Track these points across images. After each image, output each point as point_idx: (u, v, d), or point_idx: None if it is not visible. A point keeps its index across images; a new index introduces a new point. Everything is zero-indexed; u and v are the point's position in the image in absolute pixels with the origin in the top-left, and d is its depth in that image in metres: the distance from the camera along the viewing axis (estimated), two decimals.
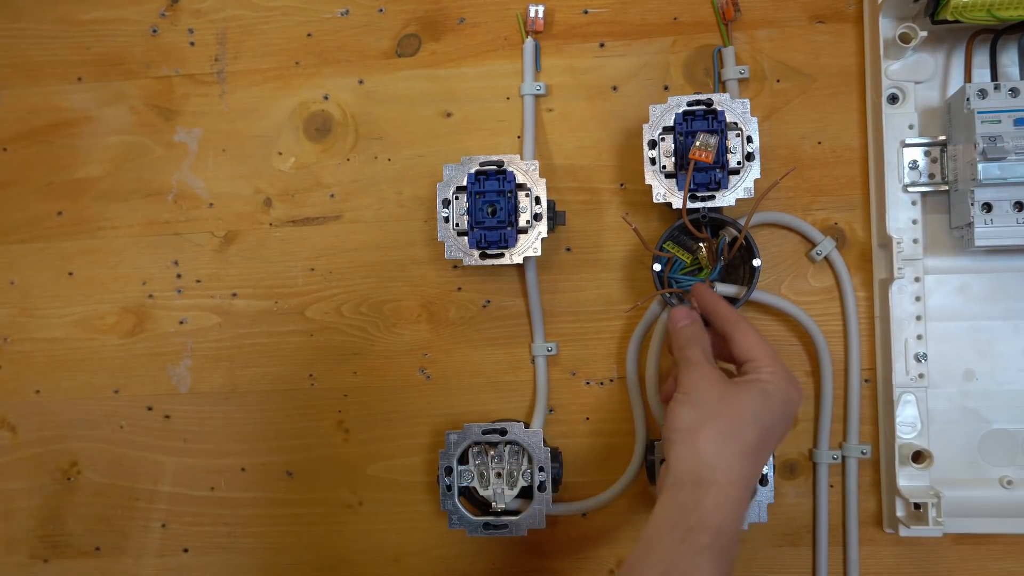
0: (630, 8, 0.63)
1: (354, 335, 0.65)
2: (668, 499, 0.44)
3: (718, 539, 0.41)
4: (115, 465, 0.67)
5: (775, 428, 0.47)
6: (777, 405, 0.47)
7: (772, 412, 0.46)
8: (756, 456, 0.46)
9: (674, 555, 0.41)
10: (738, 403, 0.46)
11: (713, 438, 0.45)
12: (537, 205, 0.58)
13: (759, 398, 0.46)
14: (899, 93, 0.58)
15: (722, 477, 0.43)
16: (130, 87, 0.67)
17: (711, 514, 0.42)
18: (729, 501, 0.43)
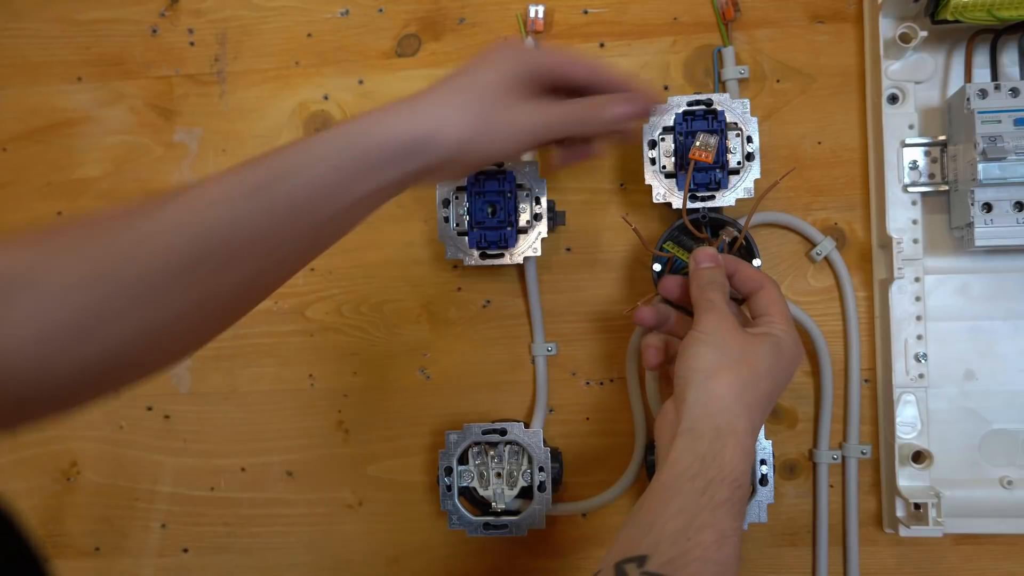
0: (630, 8, 0.63)
1: (354, 335, 0.65)
2: (685, 447, 0.43)
3: (736, 491, 0.41)
4: (115, 465, 0.67)
5: (781, 383, 0.47)
6: (787, 361, 0.47)
7: (783, 367, 0.46)
8: (766, 409, 0.45)
9: (696, 507, 0.40)
10: (757, 353, 0.45)
11: (733, 385, 0.44)
12: (537, 205, 0.58)
13: (774, 351, 0.46)
14: (899, 93, 0.58)
15: (740, 427, 0.43)
16: (130, 87, 0.67)
17: (731, 465, 0.42)
18: (745, 452, 0.43)
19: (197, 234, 0.39)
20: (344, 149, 0.42)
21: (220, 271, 0.40)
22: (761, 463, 0.56)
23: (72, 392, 0.42)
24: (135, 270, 0.38)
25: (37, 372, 0.38)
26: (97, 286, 0.38)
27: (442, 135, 0.44)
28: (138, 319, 0.39)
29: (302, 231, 0.42)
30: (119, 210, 0.40)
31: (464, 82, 0.45)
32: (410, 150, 0.43)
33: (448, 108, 0.44)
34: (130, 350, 0.40)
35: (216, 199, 0.40)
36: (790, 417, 0.60)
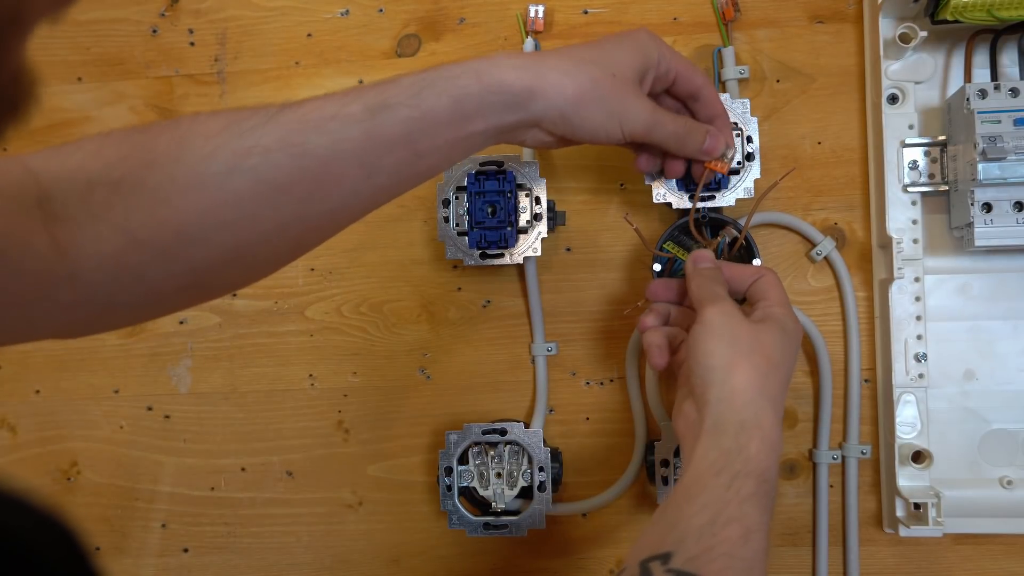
0: (630, 8, 0.63)
1: (354, 335, 0.65)
2: (710, 443, 0.42)
3: (762, 485, 0.40)
4: (115, 465, 0.67)
5: (793, 366, 0.46)
6: (793, 343, 0.46)
7: (791, 352, 0.46)
8: (784, 396, 0.45)
9: (721, 501, 0.39)
10: (768, 341, 0.45)
11: (753, 378, 0.43)
12: (537, 205, 0.58)
13: (781, 336, 0.45)
14: (899, 93, 0.58)
15: (765, 420, 0.42)
16: (130, 87, 0.67)
17: (756, 459, 0.41)
18: (771, 446, 0.42)
19: (301, 152, 0.40)
20: (468, 85, 0.42)
21: (314, 193, 0.41)
22: None
23: (155, 302, 0.43)
24: (235, 184, 0.39)
25: (127, 279, 0.39)
26: (196, 197, 0.39)
27: (555, 92, 0.44)
28: (229, 235, 0.40)
29: (403, 160, 0.43)
30: (227, 115, 0.40)
31: (593, 54, 0.46)
32: (521, 99, 0.44)
33: (569, 72, 0.45)
34: (215, 267, 0.41)
35: (332, 115, 0.40)
36: (790, 417, 0.60)
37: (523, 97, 0.44)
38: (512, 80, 0.43)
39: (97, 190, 0.38)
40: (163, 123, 0.41)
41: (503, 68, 0.43)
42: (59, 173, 0.38)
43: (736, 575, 0.37)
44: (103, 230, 0.38)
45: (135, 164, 0.39)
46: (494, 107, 0.43)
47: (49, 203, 0.37)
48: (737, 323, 0.45)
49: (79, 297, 0.39)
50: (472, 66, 0.43)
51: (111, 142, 0.39)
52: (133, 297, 0.41)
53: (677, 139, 0.50)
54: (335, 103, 0.41)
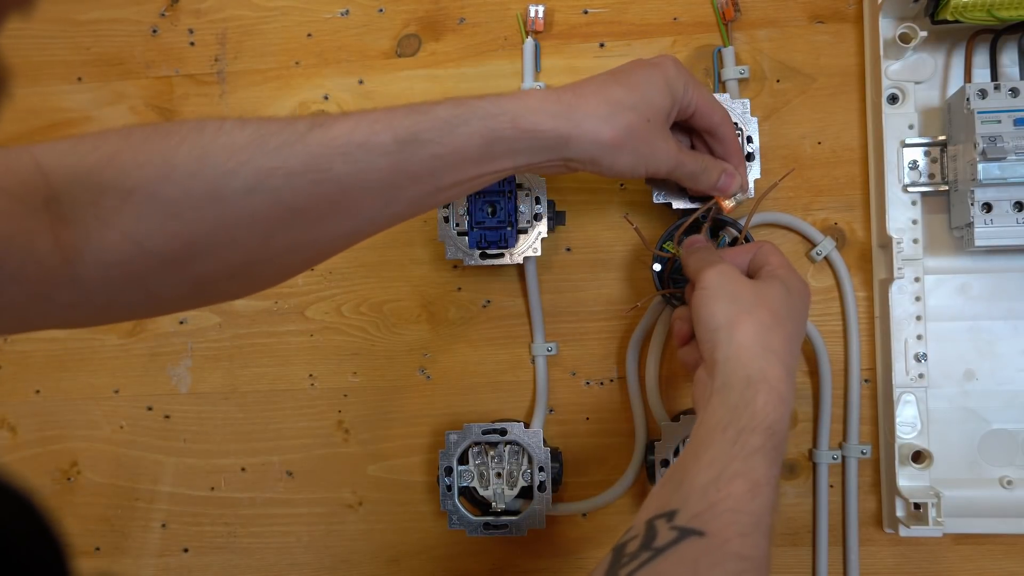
0: (630, 8, 0.63)
1: (354, 335, 0.65)
2: (718, 402, 0.41)
3: (771, 439, 0.40)
4: (115, 465, 0.67)
5: (801, 323, 0.46)
6: (799, 300, 0.46)
7: (797, 307, 0.45)
8: (794, 350, 0.44)
9: (727, 456, 0.39)
10: (770, 296, 0.44)
11: (757, 332, 0.42)
12: (537, 205, 0.58)
13: (784, 292, 0.45)
14: (899, 93, 0.58)
15: (771, 373, 0.41)
16: (130, 87, 0.67)
17: (763, 413, 0.40)
18: (780, 398, 0.41)
19: (324, 177, 0.39)
20: (501, 128, 0.42)
21: (330, 217, 0.41)
22: None
23: (155, 306, 0.43)
24: (253, 204, 0.38)
25: (129, 285, 0.39)
26: (211, 213, 0.38)
27: (590, 140, 0.44)
28: (238, 251, 0.40)
29: (424, 192, 0.43)
30: (254, 128, 0.39)
31: (632, 98, 0.45)
32: (554, 144, 0.44)
33: (605, 120, 0.44)
34: (220, 279, 0.41)
35: (360, 142, 0.40)
36: None
37: (557, 143, 0.44)
38: (548, 128, 0.43)
39: (108, 196, 0.37)
40: (187, 127, 0.39)
41: (539, 114, 0.43)
42: (71, 174, 0.37)
43: (742, 529, 0.36)
44: (110, 237, 0.37)
45: (151, 174, 0.38)
46: (526, 150, 0.44)
47: (57, 205, 0.37)
48: (736, 281, 0.45)
49: (78, 299, 0.38)
50: (508, 107, 0.43)
51: (129, 146, 0.38)
52: (133, 301, 0.41)
53: (694, 178, 0.50)
54: (365, 129, 0.40)
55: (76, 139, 0.39)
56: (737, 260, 0.49)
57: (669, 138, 0.48)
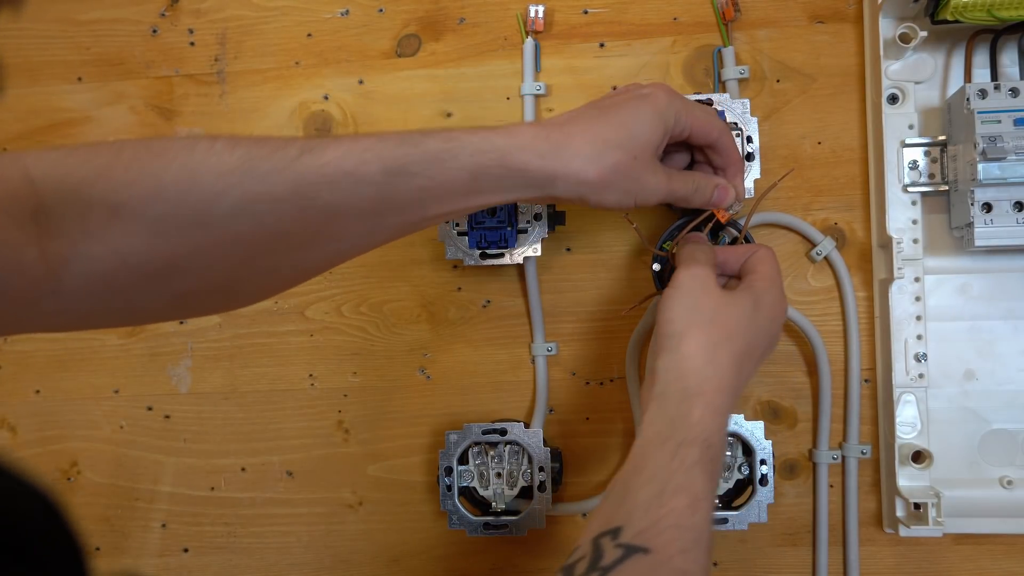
0: (630, 8, 0.63)
1: (354, 335, 0.65)
2: (656, 412, 0.43)
3: (707, 451, 0.41)
4: (115, 465, 0.67)
5: (760, 341, 0.46)
6: (765, 319, 0.46)
7: (759, 325, 0.45)
8: (740, 366, 0.44)
9: (667, 471, 0.40)
10: (730, 312, 0.45)
11: (703, 346, 0.43)
12: (537, 205, 0.58)
13: (749, 309, 0.45)
14: (899, 93, 0.58)
15: (708, 387, 0.42)
16: (130, 87, 0.67)
17: (699, 426, 0.41)
18: (715, 411, 0.42)
19: (310, 204, 0.39)
20: (490, 164, 0.43)
21: (313, 242, 0.41)
22: (761, 463, 0.56)
23: (137, 317, 0.45)
24: (237, 227, 0.39)
25: (112, 297, 0.39)
26: (196, 234, 0.39)
27: (577, 179, 0.44)
28: (221, 271, 0.40)
29: (409, 220, 0.43)
30: (244, 150, 0.40)
31: (619, 136, 0.45)
32: (541, 182, 0.44)
33: (592, 160, 0.44)
34: (202, 295, 0.42)
35: (348, 171, 0.40)
36: (790, 417, 0.60)
37: (544, 182, 0.44)
38: (536, 167, 0.43)
39: (96, 211, 0.37)
40: (178, 146, 0.40)
41: (527, 153, 0.43)
42: (60, 187, 0.37)
43: (684, 545, 0.37)
44: (95, 250, 0.38)
45: (139, 192, 0.38)
46: (513, 187, 0.44)
47: (45, 217, 0.37)
48: (704, 289, 0.45)
49: (61, 307, 0.39)
50: (497, 143, 0.43)
51: (120, 162, 0.39)
52: (115, 311, 0.41)
53: (686, 199, 0.51)
54: (354, 158, 0.41)
55: (67, 150, 0.39)
56: (731, 260, 0.50)
57: (658, 171, 0.48)
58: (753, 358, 0.46)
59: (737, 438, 0.56)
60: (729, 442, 0.57)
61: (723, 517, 0.55)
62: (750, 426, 0.56)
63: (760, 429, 0.56)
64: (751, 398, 0.61)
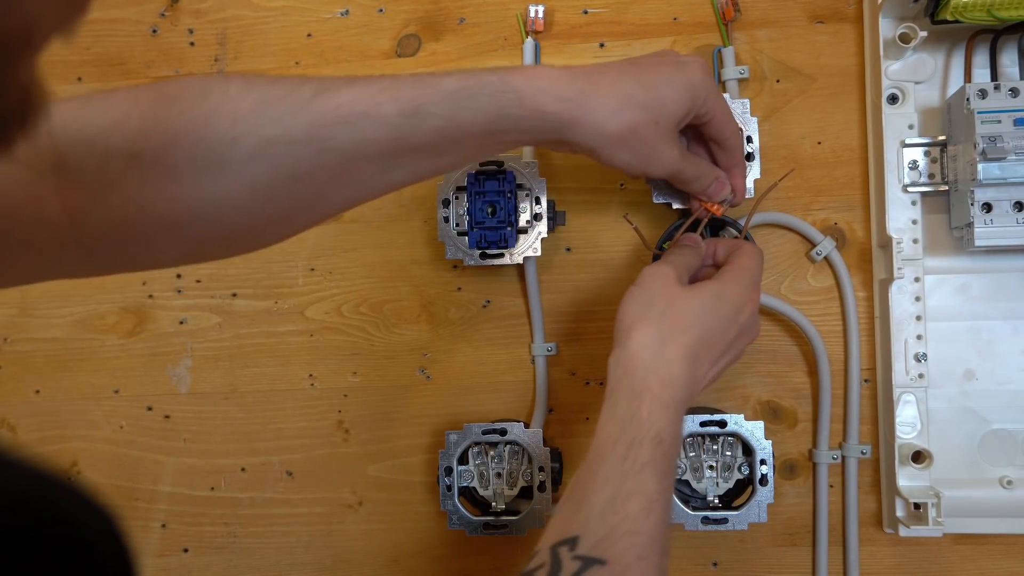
0: (630, 8, 0.63)
1: (354, 335, 0.65)
2: (606, 411, 0.42)
3: (658, 448, 0.40)
4: (115, 465, 0.67)
5: (721, 332, 0.45)
6: (727, 309, 0.45)
7: (721, 315, 0.44)
8: (696, 358, 0.43)
9: (619, 474, 0.39)
10: (685, 305, 0.44)
11: (649, 341, 0.43)
12: (537, 205, 0.58)
13: (708, 300, 0.44)
14: (899, 93, 0.58)
15: (655, 382, 0.42)
16: None
17: (647, 424, 0.40)
18: (664, 406, 0.41)
19: (326, 146, 0.39)
20: (507, 105, 0.42)
21: (330, 184, 0.41)
22: (761, 463, 0.56)
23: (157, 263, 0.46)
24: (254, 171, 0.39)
25: (132, 246, 0.40)
26: (213, 179, 0.39)
27: (595, 129, 0.43)
28: (239, 217, 0.41)
29: (425, 162, 0.43)
30: (259, 92, 0.40)
31: (646, 96, 0.44)
32: (558, 126, 0.43)
33: (614, 113, 0.43)
34: (221, 241, 0.43)
35: (363, 111, 0.40)
36: (790, 417, 0.60)
37: (561, 126, 0.43)
38: (555, 111, 0.42)
39: (114, 161, 0.38)
40: (193, 88, 0.40)
41: (547, 96, 0.42)
42: (78, 138, 0.38)
43: (640, 551, 0.37)
44: (115, 200, 0.38)
45: (156, 141, 0.38)
46: (529, 129, 0.43)
47: (64, 168, 0.37)
48: (662, 286, 0.45)
49: (84, 256, 0.39)
50: (516, 84, 0.42)
51: (136, 112, 0.39)
52: (138, 259, 0.42)
53: (687, 182, 0.50)
54: (369, 99, 0.40)
55: (83, 100, 0.39)
56: (719, 251, 0.50)
57: (674, 143, 0.47)
58: (715, 350, 0.45)
59: (737, 438, 0.56)
60: (729, 442, 0.57)
61: (723, 517, 0.55)
62: (750, 426, 0.56)
63: (760, 429, 0.56)
64: (751, 398, 0.61)
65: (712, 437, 0.57)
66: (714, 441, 0.57)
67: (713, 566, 0.61)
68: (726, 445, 0.57)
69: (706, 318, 0.44)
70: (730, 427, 0.55)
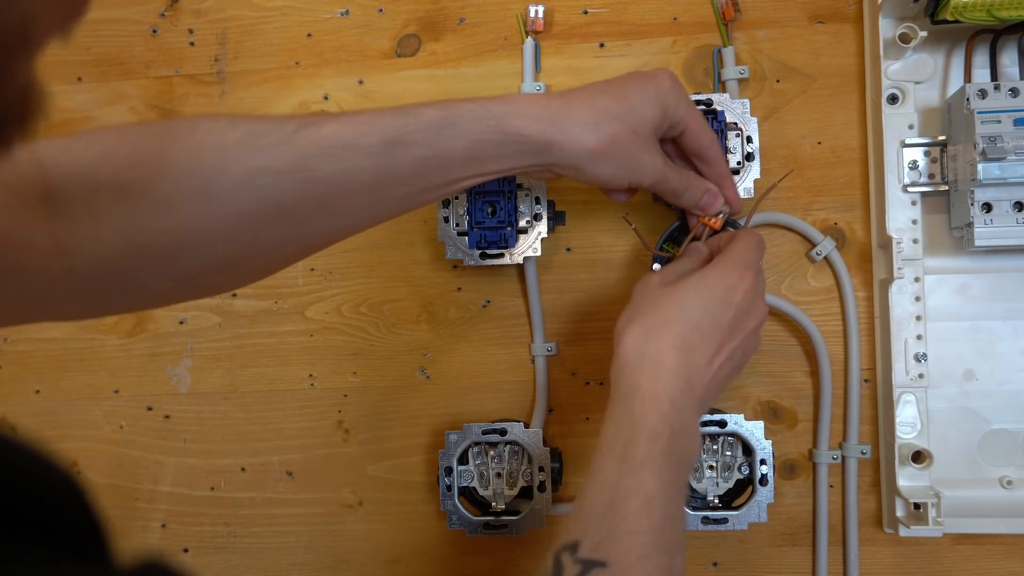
0: (630, 8, 0.63)
1: (354, 335, 0.65)
2: (606, 419, 0.42)
3: (654, 444, 0.39)
4: (115, 465, 0.67)
5: (713, 317, 0.44)
6: (713, 292, 0.44)
7: (705, 301, 0.44)
8: (687, 349, 0.43)
9: (617, 474, 0.39)
10: (670, 298, 0.44)
11: (636, 339, 0.43)
12: (537, 205, 0.58)
13: (691, 289, 0.44)
14: (899, 93, 0.58)
15: (644, 378, 0.41)
16: (130, 87, 0.67)
17: (640, 420, 0.40)
18: (655, 400, 0.41)
19: (311, 177, 0.40)
20: (487, 131, 0.42)
21: (316, 216, 0.41)
22: (761, 463, 0.56)
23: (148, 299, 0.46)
24: (241, 202, 0.40)
25: (122, 279, 0.40)
26: (201, 210, 0.39)
27: (574, 146, 0.44)
28: (227, 247, 0.41)
29: (409, 193, 0.43)
30: (245, 126, 0.40)
31: (619, 108, 0.45)
32: (538, 149, 0.44)
33: (591, 128, 0.44)
34: (210, 273, 0.43)
35: (347, 143, 0.40)
36: (790, 417, 0.60)
37: (542, 148, 0.44)
38: (533, 132, 0.43)
39: (103, 193, 0.38)
40: (180, 125, 0.41)
41: (525, 119, 0.43)
42: (68, 170, 0.38)
43: (642, 551, 0.37)
44: (104, 232, 0.38)
45: (145, 172, 0.39)
46: (511, 154, 0.44)
47: (54, 201, 0.38)
48: (644, 292, 0.46)
49: (74, 290, 0.39)
50: (494, 110, 0.43)
51: (125, 144, 0.39)
52: (126, 293, 0.42)
53: (676, 195, 0.50)
54: (352, 130, 0.41)
55: (74, 136, 0.40)
56: (721, 243, 0.50)
57: (656, 151, 0.47)
58: (712, 336, 0.44)
59: (737, 438, 0.56)
60: (729, 442, 0.57)
61: (723, 517, 0.55)
62: (750, 426, 0.56)
63: (760, 429, 0.56)
64: (751, 398, 0.61)
65: (712, 437, 0.57)
66: (714, 441, 0.57)
67: (713, 566, 0.61)
68: (726, 445, 0.57)
69: (691, 306, 0.44)
70: (730, 427, 0.56)
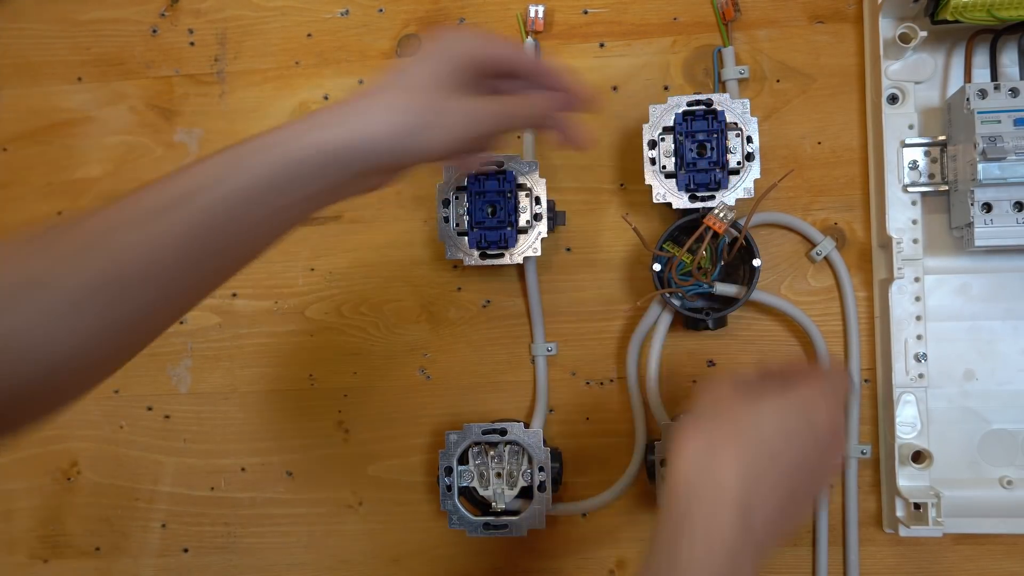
0: (630, 8, 0.63)
1: (354, 335, 0.65)
2: (657, 535, 0.37)
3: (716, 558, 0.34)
4: (115, 465, 0.67)
5: (792, 454, 0.38)
6: (797, 425, 0.39)
7: (787, 433, 0.39)
8: (762, 485, 0.37)
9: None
10: (744, 413, 0.39)
11: (700, 449, 0.37)
12: (537, 205, 0.58)
13: (774, 414, 0.39)
14: (899, 93, 0.58)
15: (702, 511, 0.36)
16: (130, 87, 0.67)
17: (686, 564, 0.35)
18: (709, 541, 0.35)
19: (105, 266, 0.37)
20: (266, 163, 0.39)
21: (125, 295, 0.38)
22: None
23: None
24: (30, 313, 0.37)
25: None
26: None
27: (370, 142, 0.40)
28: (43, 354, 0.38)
29: (219, 247, 0.39)
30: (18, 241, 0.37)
31: (395, 79, 0.42)
32: (336, 159, 0.40)
33: (376, 112, 0.40)
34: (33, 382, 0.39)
35: (125, 222, 0.37)
36: None
37: (339, 156, 0.40)
38: (323, 143, 0.39)
39: None
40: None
41: (313, 131, 0.39)
42: None
43: None
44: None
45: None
46: (312, 174, 0.39)
47: None
48: (717, 393, 0.41)
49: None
50: (281, 136, 0.39)
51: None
52: None
53: (513, 120, 0.45)
54: (133, 204, 0.38)
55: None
56: (796, 371, 0.44)
57: (463, 96, 0.42)
58: (787, 478, 0.38)
59: None
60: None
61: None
62: None
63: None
64: None
65: None
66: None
67: None
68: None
69: (772, 436, 0.38)
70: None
